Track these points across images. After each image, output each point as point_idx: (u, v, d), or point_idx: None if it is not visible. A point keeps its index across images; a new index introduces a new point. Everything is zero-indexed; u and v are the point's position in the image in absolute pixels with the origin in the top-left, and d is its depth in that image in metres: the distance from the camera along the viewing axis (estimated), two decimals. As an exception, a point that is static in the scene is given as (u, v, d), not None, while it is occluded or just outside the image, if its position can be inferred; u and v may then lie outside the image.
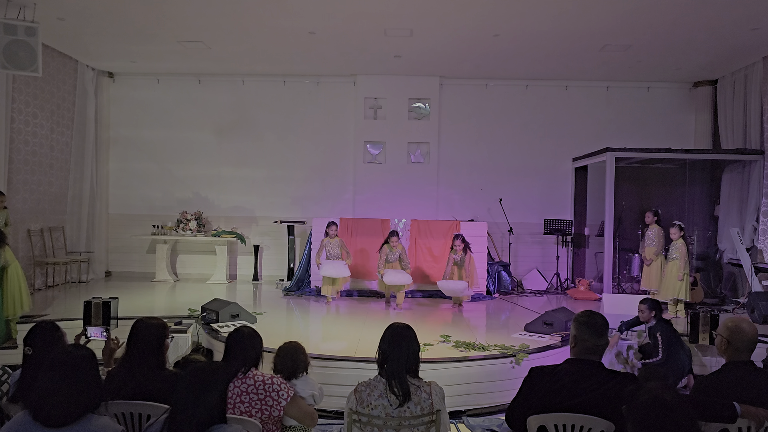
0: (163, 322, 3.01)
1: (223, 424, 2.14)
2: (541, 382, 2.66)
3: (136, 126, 11.01)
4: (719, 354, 3.08)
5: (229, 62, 9.96)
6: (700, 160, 9.79)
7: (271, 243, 10.79)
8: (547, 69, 10.00)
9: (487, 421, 4.27)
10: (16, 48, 6.94)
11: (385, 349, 2.74)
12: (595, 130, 10.63)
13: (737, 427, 2.68)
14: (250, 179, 10.94)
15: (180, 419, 2.09)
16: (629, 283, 9.45)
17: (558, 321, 6.36)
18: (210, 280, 10.23)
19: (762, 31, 7.70)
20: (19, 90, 8.66)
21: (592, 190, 10.32)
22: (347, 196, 10.84)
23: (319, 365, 5.05)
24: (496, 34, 8.19)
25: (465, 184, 10.81)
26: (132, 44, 9.01)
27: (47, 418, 2.08)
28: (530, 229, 10.61)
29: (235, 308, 6.59)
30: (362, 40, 8.55)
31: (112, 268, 10.90)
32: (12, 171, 8.53)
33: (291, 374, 3.37)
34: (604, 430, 2.48)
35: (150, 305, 8.17)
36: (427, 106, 10.78)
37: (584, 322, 2.70)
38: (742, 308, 7.86)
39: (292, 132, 10.91)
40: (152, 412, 2.63)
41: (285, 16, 7.57)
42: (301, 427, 3.14)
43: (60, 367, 2.16)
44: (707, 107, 10.47)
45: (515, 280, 10.12)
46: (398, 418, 2.63)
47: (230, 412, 2.79)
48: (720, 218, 9.91)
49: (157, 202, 10.96)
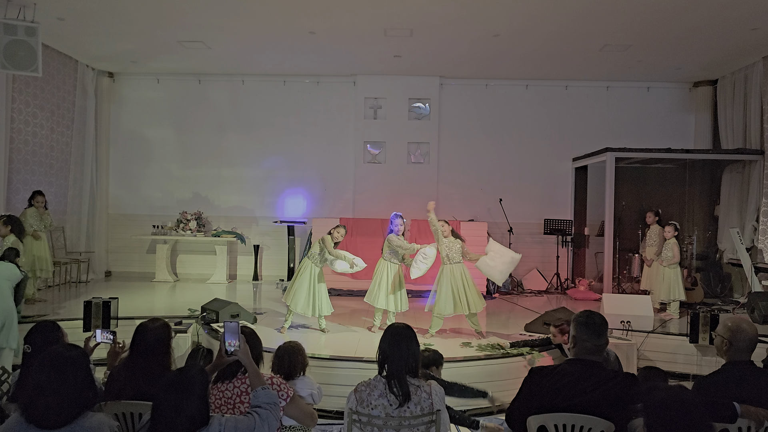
0: (166, 324, 3.00)
1: (205, 427, 2.13)
2: (540, 382, 2.66)
3: (135, 126, 11.01)
4: (719, 354, 3.07)
5: (229, 62, 9.96)
6: (700, 160, 9.79)
7: (271, 243, 10.79)
8: (547, 69, 10.00)
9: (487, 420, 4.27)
10: (16, 48, 6.94)
11: (385, 349, 2.74)
12: (595, 130, 10.62)
13: (737, 427, 2.68)
14: (250, 179, 10.94)
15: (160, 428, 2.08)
16: (629, 283, 9.45)
17: (558, 321, 6.35)
18: (210, 280, 10.23)
19: (762, 31, 7.70)
20: (19, 90, 8.66)
21: (592, 190, 10.32)
22: (347, 196, 10.84)
23: (318, 365, 5.05)
24: (496, 34, 8.18)
25: (465, 184, 10.81)
26: (132, 44, 9.01)
27: (40, 419, 2.07)
28: (530, 229, 10.60)
29: (235, 308, 6.60)
30: (362, 40, 8.55)
31: (112, 268, 10.89)
32: (12, 171, 8.52)
33: (289, 375, 3.37)
34: (604, 430, 2.49)
35: (150, 305, 8.17)
36: (427, 106, 10.78)
37: (583, 322, 2.71)
38: (742, 308, 7.86)
39: (292, 132, 10.90)
40: (147, 411, 2.62)
41: (285, 16, 7.57)
42: (301, 427, 3.14)
43: (50, 368, 2.14)
44: (707, 107, 10.47)
45: (515, 280, 10.12)
46: (398, 418, 2.63)
47: (230, 413, 2.79)
48: (720, 218, 9.91)
49: (157, 202, 10.96)
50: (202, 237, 10.33)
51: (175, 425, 2.07)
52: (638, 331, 6.43)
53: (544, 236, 10.47)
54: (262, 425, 2.31)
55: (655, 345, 6.37)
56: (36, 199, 7.99)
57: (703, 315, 5.67)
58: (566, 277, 10.43)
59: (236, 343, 2.54)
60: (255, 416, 2.32)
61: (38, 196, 8.03)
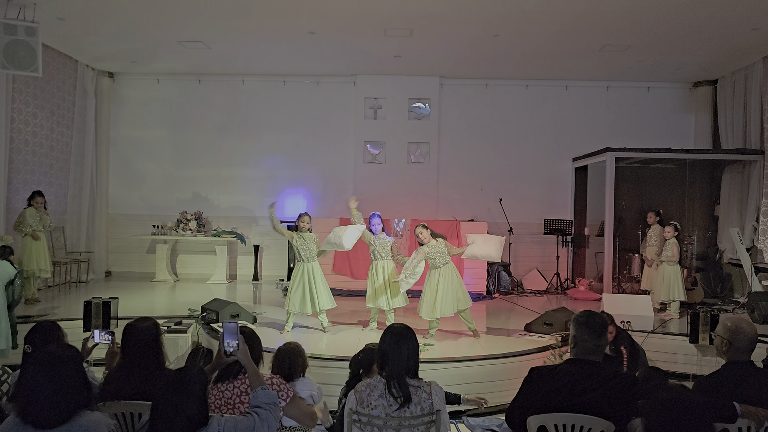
0: (154, 322, 2.99)
1: (204, 427, 2.13)
2: (540, 382, 2.66)
3: (136, 126, 11.01)
4: (719, 354, 3.07)
5: (229, 62, 9.95)
6: (700, 160, 9.79)
7: (271, 243, 10.78)
8: (547, 69, 9.99)
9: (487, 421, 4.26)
10: (16, 48, 6.94)
11: (384, 350, 2.73)
12: (595, 130, 10.62)
13: (737, 427, 2.68)
14: (250, 179, 10.94)
15: (160, 429, 2.08)
16: (629, 283, 9.45)
17: (558, 321, 6.37)
18: (210, 280, 10.23)
19: (762, 31, 7.70)
20: (19, 90, 8.66)
21: (592, 190, 10.31)
22: (347, 196, 10.79)
23: (318, 365, 5.05)
24: (496, 34, 8.18)
25: (465, 184, 10.81)
26: (132, 44, 9.01)
27: (36, 419, 2.07)
28: (530, 229, 10.60)
29: (235, 308, 6.60)
30: (362, 40, 8.55)
31: (112, 268, 10.89)
32: (12, 171, 8.52)
33: (289, 376, 3.37)
34: (604, 430, 2.48)
35: (150, 305, 8.17)
36: (427, 106, 10.78)
37: (583, 322, 2.70)
38: (742, 308, 7.86)
39: (292, 132, 10.90)
40: (146, 411, 2.62)
41: (285, 16, 7.57)
42: (301, 427, 3.14)
43: (44, 368, 2.14)
44: (707, 107, 10.47)
45: (515, 280, 10.12)
46: (398, 418, 2.63)
47: (230, 413, 2.79)
48: (720, 218, 9.91)
49: (157, 202, 10.96)
50: (202, 237, 10.33)
51: (174, 426, 2.07)
52: (638, 331, 6.43)
53: (544, 236, 10.47)
54: (262, 425, 2.31)
55: (655, 345, 6.37)
56: (35, 200, 7.98)
57: (703, 315, 5.67)
58: (566, 277, 10.43)
59: (235, 344, 2.54)
60: (254, 416, 2.32)
61: (38, 196, 8.03)
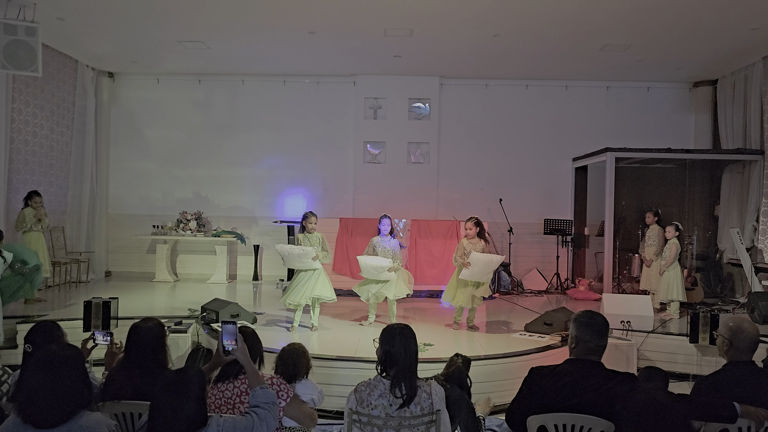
0: (159, 322, 3.00)
1: (203, 428, 2.13)
2: (541, 382, 2.66)
3: (136, 126, 11.00)
4: (720, 354, 3.07)
5: (229, 62, 9.95)
6: (700, 160, 9.79)
7: (271, 243, 10.74)
8: (547, 69, 9.99)
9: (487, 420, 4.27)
10: (16, 48, 6.93)
11: (388, 350, 2.71)
12: (595, 130, 10.62)
13: (737, 427, 2.68)
14: (250, 179, 10.94)
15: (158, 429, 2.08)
16: (629, 283, 9.45)
17: (558, 321, 6.36)
18: (210, 280, 10.23)
19: (762, 31, 7.70)
20: (19, 90, 8.66)
21: (592, 190, 10.31)
22: (347, 196, 10.84)
23: (319, 365, 5.04)
24: (496, 34, 8.18)
25: (465, 184, 10.81)
26: (132, 44, 9.01)
27: (36, 419, 2.06)
28: (530, 229, 10.60)
29: (235, 308, 6.59)
30: (362, 40, 8.55)
31: (112, 268, 10.89)
32: (12, 171, 8.52)
33: (292, 377, 3.36)
34: (604, 430, 2.48)
35: (150, 305, 8.17)
36: (427, 106, 10.78)
37: (585, 322, 2.70)
38: (742, 308, 7.86)
39: (292, 132, 10.90)
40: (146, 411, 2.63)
41: (285, 16, 7.57)
42: (301, 427, 3.14)
43: (44, 367, 2.14)
44: (707, 107, 10.47)
45: (515, 280, 10.12)
46: (398, 418, 2.63)
47: (230, 413, 2.78)
48: (720, 218, 9.91)
49: (157, 202, 10.96)
50: (202, 237, 10.33)
51: (173, 426, 2.07)
52: (638, 331, 6.43)
53: (544, 236, 10.47)
54: (261, 425, 2.31)
55: (655, 345, 6.37)
56: (33, 200, 7.96)
57: (703, 315, 5.66)
58: (566, 277, 10.43)
59: (234, 343, 2.54)
60: (253, 416, 2.32)
61: (35, 196, 8.00)
